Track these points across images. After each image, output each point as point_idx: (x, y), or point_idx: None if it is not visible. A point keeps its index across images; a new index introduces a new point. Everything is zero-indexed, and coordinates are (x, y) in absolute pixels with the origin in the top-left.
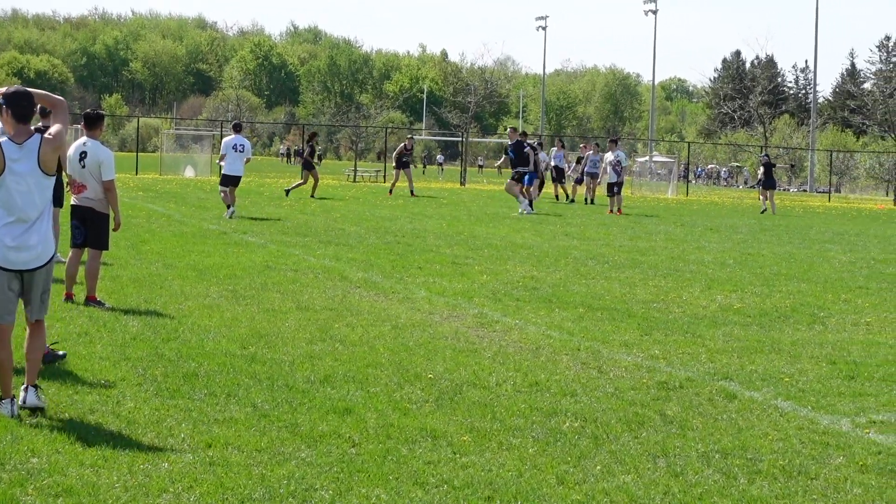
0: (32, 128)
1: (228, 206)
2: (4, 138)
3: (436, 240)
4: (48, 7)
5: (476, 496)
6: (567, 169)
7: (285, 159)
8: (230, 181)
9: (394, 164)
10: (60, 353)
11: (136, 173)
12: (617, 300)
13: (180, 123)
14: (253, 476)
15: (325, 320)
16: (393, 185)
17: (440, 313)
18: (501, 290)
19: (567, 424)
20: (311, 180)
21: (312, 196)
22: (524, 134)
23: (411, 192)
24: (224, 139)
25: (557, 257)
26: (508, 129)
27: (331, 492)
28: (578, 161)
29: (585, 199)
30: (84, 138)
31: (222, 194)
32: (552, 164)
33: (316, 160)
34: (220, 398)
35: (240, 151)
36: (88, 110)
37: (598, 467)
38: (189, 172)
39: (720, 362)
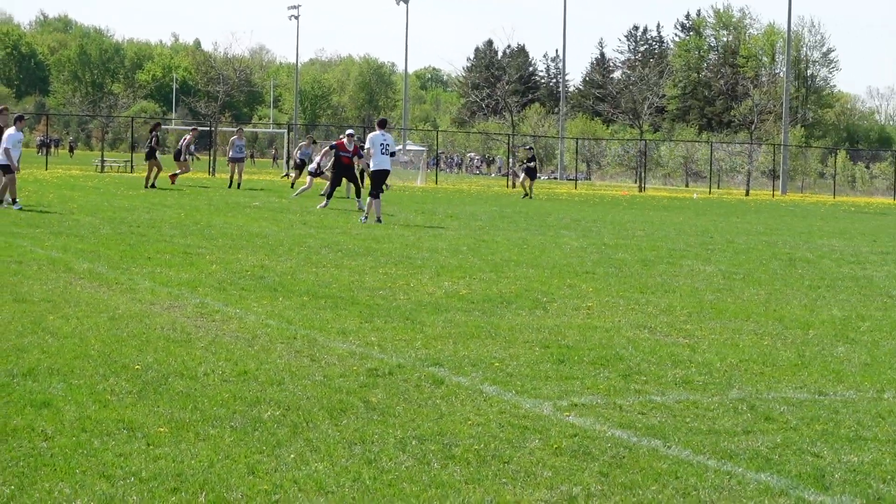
0: None
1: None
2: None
3: (171, 230)
4: None
5: (161, 488)
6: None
7: (42, 150)
8: None
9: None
10: None
11: None
12: (344, 288)
13: None
14: None
15: (41, 312)
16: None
17: (161, 304)
18: (228, 279)
19: (268, 413)
20: (154, 169)
21: (150, 186)
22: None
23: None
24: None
25: (291, 246)
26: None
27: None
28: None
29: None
30: None
31: None
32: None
33: (158, 150)
34: None
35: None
36: None
37: (293, 456)
38: None
39: (434, 348)
